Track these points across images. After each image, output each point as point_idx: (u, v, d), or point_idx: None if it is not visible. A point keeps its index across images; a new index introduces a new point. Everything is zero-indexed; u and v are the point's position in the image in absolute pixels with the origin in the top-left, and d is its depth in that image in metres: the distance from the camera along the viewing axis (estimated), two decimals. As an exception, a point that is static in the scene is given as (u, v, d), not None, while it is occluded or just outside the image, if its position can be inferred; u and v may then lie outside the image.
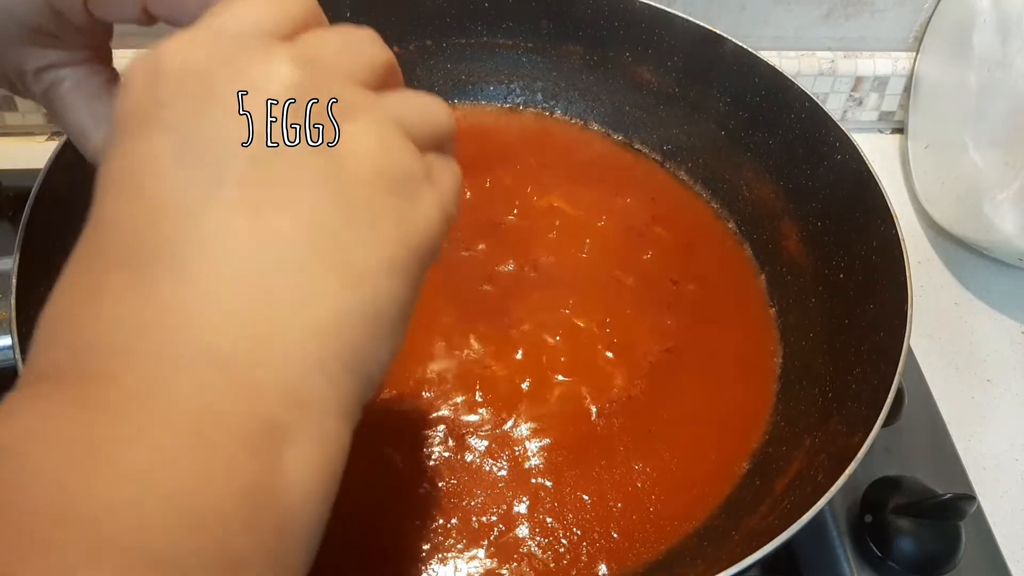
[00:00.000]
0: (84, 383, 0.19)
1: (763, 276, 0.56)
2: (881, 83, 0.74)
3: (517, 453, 0.45)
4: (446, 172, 0.27)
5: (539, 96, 0.64)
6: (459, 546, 0.42)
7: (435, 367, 0.48)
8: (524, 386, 0.48)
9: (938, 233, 0.70)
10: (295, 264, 0.21)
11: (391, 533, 0.42)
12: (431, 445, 0.45)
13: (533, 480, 0.44)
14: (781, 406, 0.49)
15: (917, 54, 0.74)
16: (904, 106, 0.76)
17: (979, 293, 0.67)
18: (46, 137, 0.68)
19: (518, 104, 0.64)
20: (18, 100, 0.66)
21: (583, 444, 0.46)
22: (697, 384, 0.49)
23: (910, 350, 0.43)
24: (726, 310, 0.54)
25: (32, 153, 0.65)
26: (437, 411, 0.46)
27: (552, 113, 0.64)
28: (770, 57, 0.56)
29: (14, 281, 0.39)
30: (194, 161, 0.21)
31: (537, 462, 0.45)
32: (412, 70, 0.62)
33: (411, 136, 0.25)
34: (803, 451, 0.44)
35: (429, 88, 0.63)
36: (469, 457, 0.45)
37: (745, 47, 0.56)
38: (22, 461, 0.18)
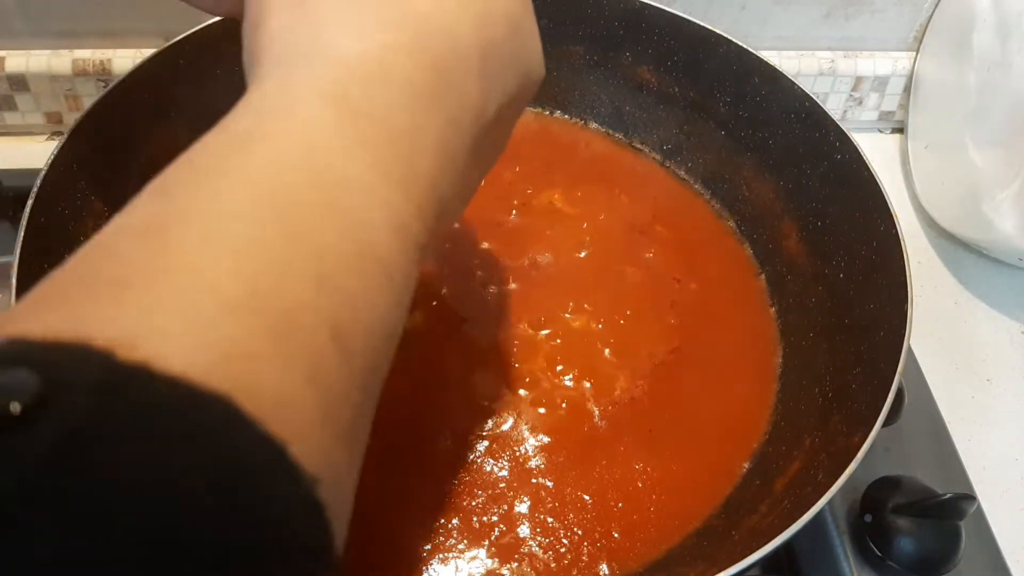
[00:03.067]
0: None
1: (763, 276, 0.56)
2: (881, 83, 0.74)
3: (518, 453, 0.45)
4: None
5: (539, 95, 0.64)
6: (460, 546, 0.42)
7: (435, 367, 0.48)
8: (525, 386, 0.48)
9: (938, 233, 0.70)
10: None
11: (392, 533, 0.42)
12: (431, 445, 0.45)
13: (534, 480, 0.44)
14: (781, 406, 0.49)
15: (917, 54, 0.74)
16: (904, 106, 0.76)
17: (979, 293, 0.67)
18: (46, 137, 0.68)
19: (518, 104, 0.64)
20: (18, 100, 0.66)
21: (584, 444, 0.46)
22: (698, 384, 0.49)
23: (910, 350, 0.43)
24: (726, 310, 0.54)
25: (32, 153, 0.65)
26: (438, 411, 0.46)
27: (552, 113, 0.64)
28: (770, 57, 0.56)
29: (14, 281, 0.39)
30: None
31: (538, 462, 0.45)
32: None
33: None
34: (803, 451, 0.44)
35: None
36: (470, 457, 0.45)
37: (745, 47, 0.56)
38: None
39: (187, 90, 0.51)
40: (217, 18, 0.48)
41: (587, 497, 0.44)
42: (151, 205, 0.19)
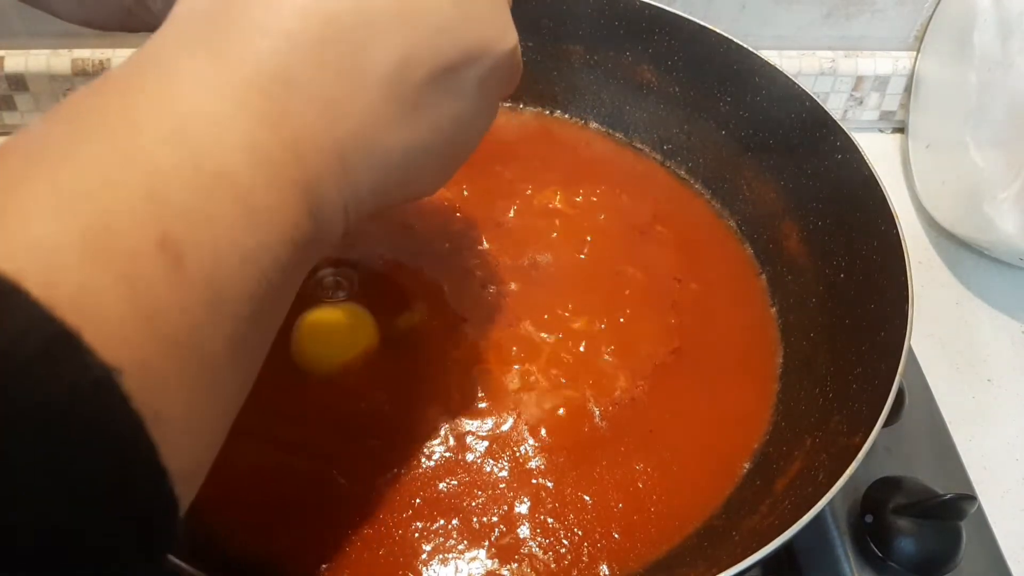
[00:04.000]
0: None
1: (764, 276, 0.56)
2: (882, 83, 0.74)
3: (518, 454, 0.45)
4: None
5: (539, 95, 0.64)
6: (460, 547, 0.42)
7: (435, 367, 0.48)
8: (526, 386, 0.48)
9: (939, 233, 0.70)
10: None
11: (392, 533, 0.42)
12: (432, 445, 0.45)
13: (534, 481, 0.44)
14: (782, 406, 0.49)
15: (918, 53, 0.74)
16: (905, 106, 0.76)
17: (980, 293, 0.67)
18: (45, 137, 0.68)
19: (518, 103, 0.64)
20: (17, 99, 0.66)
21: (584, 445, 0.46)
22: (698, 384, 0.49)
23: (911, 350, 0.43)
24: (727, 310, 0.54)
25: (31, 153, 0.65)
26: (438, 411, 0.46)
27: (552, 112, 0.64)
28: (771, 57, 0.56)
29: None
30: None
31: (538, 463, 0.45)
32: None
33: None
34: (804, 451, 0.44)
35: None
36: (470, 457, 0.45)
37: (745, 46, 0.56)
38: None
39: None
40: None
41: (587, 498, 0.44)
42: (19, 137, 0.22)
